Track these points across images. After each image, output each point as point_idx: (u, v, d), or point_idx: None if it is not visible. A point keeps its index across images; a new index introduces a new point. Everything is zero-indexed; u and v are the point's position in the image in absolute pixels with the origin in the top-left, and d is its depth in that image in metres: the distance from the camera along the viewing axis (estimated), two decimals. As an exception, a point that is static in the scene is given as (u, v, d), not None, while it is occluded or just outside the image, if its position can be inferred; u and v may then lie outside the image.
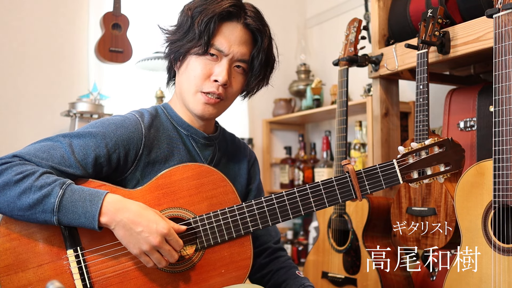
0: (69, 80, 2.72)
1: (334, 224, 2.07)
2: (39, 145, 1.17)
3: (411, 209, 1.75)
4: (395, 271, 1.91)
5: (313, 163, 3.14)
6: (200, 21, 1.22)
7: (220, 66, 1.25)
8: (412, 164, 1.23)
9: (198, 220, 1.20)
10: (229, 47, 1.24)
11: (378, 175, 1.22)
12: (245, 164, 1.46)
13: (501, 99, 1.37)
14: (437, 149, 1.24)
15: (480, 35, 1.69)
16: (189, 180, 1.22)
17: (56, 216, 1.09)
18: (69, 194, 1.10)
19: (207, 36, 1.22)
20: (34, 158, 1.14)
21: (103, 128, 1.21)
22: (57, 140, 1.18)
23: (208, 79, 1.25)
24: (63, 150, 1.16)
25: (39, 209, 1.08)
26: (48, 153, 1.15)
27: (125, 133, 1.23)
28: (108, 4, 2.68)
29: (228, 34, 1.25)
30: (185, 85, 1.29)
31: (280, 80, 3.45)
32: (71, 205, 1.09)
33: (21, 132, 2.56)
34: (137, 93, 2.83)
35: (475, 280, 1.41)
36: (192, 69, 1.26)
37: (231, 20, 1.25)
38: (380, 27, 2.15)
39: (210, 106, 1.27)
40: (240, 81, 1.30)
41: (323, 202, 1.22)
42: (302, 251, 3.03)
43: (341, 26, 3.10)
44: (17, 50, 2.58)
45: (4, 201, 1.09)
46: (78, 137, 1.19)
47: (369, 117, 2.45)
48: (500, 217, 1.36)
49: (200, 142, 1.34)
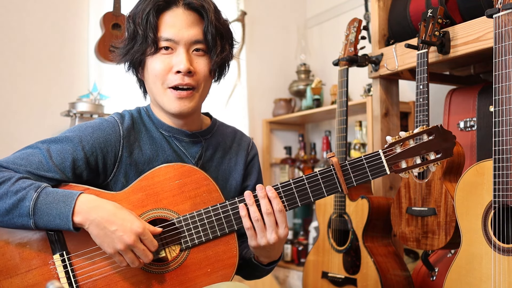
0: (69, 80, 2.72)
1: (334, 224, 2.07)
2: (19, 153, 1.19)
3: (411, 209, 1.75)
4: (395, 271, 1.91)
5: (313, 163, 3.14)
6: (140, 20, 1.22)
7: (177, 56, 1.23)
8: (399, 154, 1.19)
9: (182, 220, 1.19)
10: (177, 33, 1.22)
11: (364, 166, 1.19)
12: (242, 160, 1.43)
13: (501, 99, 1.37)
14: (426, 137, 1.19)
15: (480, 35, 1.69)
16: (171, 180, 1.21)
17: (33, 219, 1.09)
18: (44, 197, 1.10)
19: (151, 32, 1.21)
20: (12, 165, 1.15)
21: (80, 132, 1.23)
22: (36, 147, 1.20)
23: (171, 72, 1.23)
24: (41, 156, 1.18)
25: (16, 213, 1.09)
26: (26, 160, 1.17)
27: (102, 135, 1.23)
28: (108, 4, 2.68)
29: (172, 22, 1.23)
30: (152, 88, 1.27)
31: (280, 80, 3.45)
32: (46, 207, 1.09)
33: (21, 132, 2.56)
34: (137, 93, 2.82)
35: (475, 280, 1.41)
36: (152, 69, 1.25)
37: (170, 8, 1.24)
38: (380, 27, 2.15)
39: (184, 99, 1.25)
40: (204, 63, 1.26)
41: (308, 197, 1.20)
42: (302, 251, 3.03)
43: (341, 26, 3.11)
44: (17, 50, 2.58)
45: None
46: (55, 142, 1.20)
47: (369, 117, 2.45)
48: (500, 217, 1.36)
49: (184, 140, 1.33)
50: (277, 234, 1.19)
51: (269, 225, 1.19)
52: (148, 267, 1.18)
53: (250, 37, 3.32)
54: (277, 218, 1.19)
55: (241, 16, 3.19)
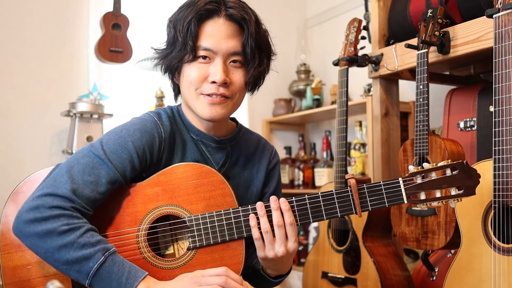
0: (69, 80, 2.71)
1: (334, 224, 2.07)
2: (82, 166, 1.15)
3: (411, 209, 1.75)
4: (395, 271, 1.91)
5: (313, 163, 3.14)
6: (181, 28, 1.21)
7: (214, 66, 1.22)
8: (419, 184, 1.17)
9: (193, 220, 1.20)
10: (217, 43, 1.21)
11: (382, 192, 1.18)
12: (264, 167, 1.43)
13: (501, 99, 1.37)
14: (450, 171, 1.17)
15: (480, 35, 1.69)
16: (188, 179, 1.23)
17: (90, 281, 1.08)
18: (109, 264, 1.09)
19: (191, 40, 1.20)
20: (82, 188, 1.13)
21: (130, 136, 1.22)
22: (96, 156, 1.17)
23: (206, 81, 1.23)
24: (107, 168, 1.16)
25: (76, 268, 1.08)
26: (94, 176, 1.15)
27: (150, 138, 1.23)
28: (108, 4, 2.68)
29: (212, 32, 1.22)
30: (186, 93, 1.27)
31: (280, 80, 3.45)
32: (108, 275, 1.08)
33: (21, 132, 2.56)
34: (137, 93, 2.83)
35: (475, 280, 1.41)
36: (188, 76, 1.24)
37: (211, 17, 1.22)
38: (380, 27, 2.15)
39: (216, 106, 1.24)
40: (240, 75, 1.26)
41: (321, 214, 1.20)
42: (302, 251, 3.03)
43: (341, 26, 3.11)
44: (17, 50, 2.58)
45: (43, 248, 1.08)
46: (113, 152, 1.19)
47: (369, 117, 2.45)
48: (500, 217, 1.36)
49: (211, 146, 1.33)
50: (286, 247, 1.19)
51: (279, 237, 1.18)
52: (154, 261, 1.19)
53: (250, 37, 3.32)
54: (288, 232, 1.18)
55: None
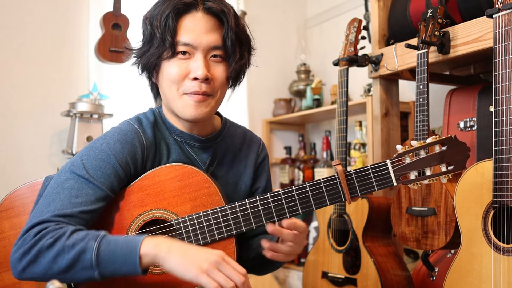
0: (69, 80, 2.71)
1: (334, 224, 2.07)
2: (68, 191, 1.12)
3: (411, 209, 1.75)
4: (395, 271, 1.91)
5: (313, 163, 3.14)
6: (158, 23, 1.17)
7: (195, 61, 1.18)
8: (408, 164, 1.13)
9: (181, 222, 1.18)
10: (196, 38, 1.17)
11: (370, 176, 1.15)
12: (252, 162, 1.39)
13: (501, 99, 1.37)
14: (439, 148, 1.14)
15: (480, 35, 1.69)
16: (172, 181, 1.20)
17: (97, 270, 1.04)
18: (105, 246, 1.04)
19: (169, 35, 1.16)
20: (70, 209, 1.10)
21: (111, 150, 1.18)
22: (79, 176, 1.13)
23: (187, 78, 1.19)
24: (92, 187, 1.13)
25: (78, 267, 1.04)
26: (81, 197, 1.11)
27: (131, 148, 1.19)
28: (108, 4, 2.68)
29: (190, 26, 1.18)
30: (167, 93, 1.22)
31: (280, 80, 3.45)
32: (109, 256, 1.04)
33: (21, 132, 2.56)
34: (137, 93, 2.83)
35: (475, 280, 1.41)
36: (168, 74, 1.20)
37: (189, 11, 1.19)
38: (380, 27, 2.15)
39: (201, 105, 1.20)
40: (222, 70, 1.22)
41: (310, 205, 1.17)
42: (302, 251, 3.02)
43: (341, 26, 3.11)
44: (17, 50, 2.58)
45: (40, 270, 1.04)
46: (94, 169, 1.15)
47: (369, 117, 2.45)
48: (500, 217, 1.36)
49: (196, 146, 1.29)
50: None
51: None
52: None
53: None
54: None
55: (241, 16, 3.18)
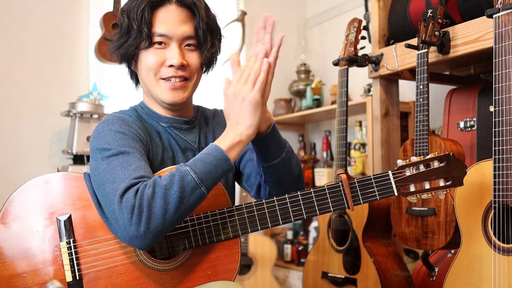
0: (69, 80, 2.72)
1: (334, 224, 2.07)
2: (119, 166, 1.16)
3: (411, 209, 1.75)
4: (395, 271, 1.91)
5: (313, 163, 3.14)
6: (135, 16, 1.26)
7: (170, 51, 1.28)
8: (408, 177, 1.21)
9: (188, 220, 1.21)
10: (171, 29, 1.27)
11: (372, 185, 1.22)
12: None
13: (501, 99, 1.37)
14: (437, 163, 1.21)
15: (480, 35, 1.69)
16: None
17: (204, 186, 1.11)
18: (193, 165, 1.12)
19: (146, 27, 1.26)
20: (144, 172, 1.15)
21: (119, 129, 1.24)
22: (125, 152, 1.19)
23: (164, 66, 1.28)
24: (133, 154, 1.19)
25: (187, 193, 1.09)
26: (132, 163, 1.17)
27: (135, 132, 1.27)
28: (108, 4, 2.68)
29: (165, 18, 1.28)
30: (146, 79, 1.32)
31: (280, 80, 3.45)
32: (203, 168, 1.12)
33: (21, 132, 2.56)
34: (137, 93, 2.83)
35: (475, 280, 1.41)
36: (145, 62, 1.29)
37: (163, 4, 1.29)
38: (380, 27, 2.15)
39: (178, 90, 1.30)
40: (196, 57, 1.32)
41: (314, 210, 1.22)
42: (302, 251, 3.03)
43: (341, 26, 3.11)
44: (17, 50, 2.58)
45: (159, 217, 1.07)
46: (120, 145, 1.20)
47: (369, 117, 2.45)
48: (500, 217, 1.36)
49: (182, 128, 1.37)
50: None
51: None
52: (150, 264, 1.19)
53: (250, 37, 3.32)
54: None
55: (241, 16, 3.19)
